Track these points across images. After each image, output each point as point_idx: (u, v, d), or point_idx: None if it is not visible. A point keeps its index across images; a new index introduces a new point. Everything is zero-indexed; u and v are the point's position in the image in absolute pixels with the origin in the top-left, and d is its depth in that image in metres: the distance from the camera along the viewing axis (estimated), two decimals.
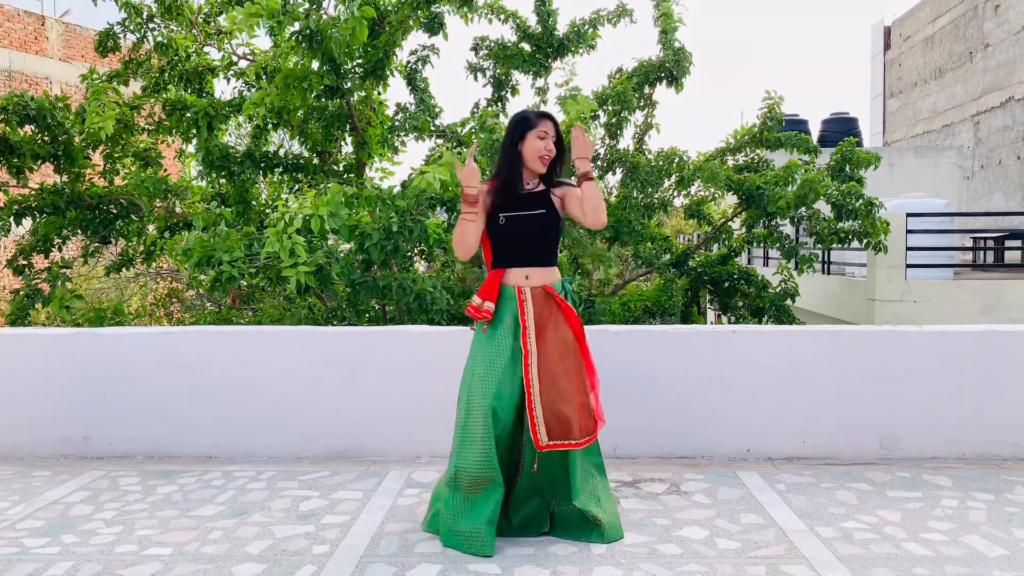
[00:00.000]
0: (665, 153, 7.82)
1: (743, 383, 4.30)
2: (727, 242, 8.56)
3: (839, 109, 34.42)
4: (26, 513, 3.63)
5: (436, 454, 4.35)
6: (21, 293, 7.32)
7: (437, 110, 7.71)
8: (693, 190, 8.51)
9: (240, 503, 3.71)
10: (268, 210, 7.27)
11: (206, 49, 7.96)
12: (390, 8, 6.56)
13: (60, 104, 7.00)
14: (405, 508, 3.61)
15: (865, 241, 7.85)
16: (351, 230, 5.34)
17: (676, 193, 8.39)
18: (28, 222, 7.48)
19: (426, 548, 3.16)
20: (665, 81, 7.85)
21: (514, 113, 3.32)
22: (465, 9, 6.71)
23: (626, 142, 7.98)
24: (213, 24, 7.88)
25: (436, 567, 2.99)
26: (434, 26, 6.95)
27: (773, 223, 8.05)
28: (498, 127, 6.70)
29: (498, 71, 8.21)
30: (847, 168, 8.18)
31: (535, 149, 3.17)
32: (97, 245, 7.94)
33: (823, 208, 8.06)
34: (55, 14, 19.73)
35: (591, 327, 4.31)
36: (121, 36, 8.01)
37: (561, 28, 7.97)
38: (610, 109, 7.51)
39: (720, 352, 4.32)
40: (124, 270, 8.66)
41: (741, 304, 8.40)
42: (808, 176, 7.64)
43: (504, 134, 3.31)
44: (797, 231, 9.51)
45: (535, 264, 3.23)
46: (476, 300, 3.21)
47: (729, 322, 8.73)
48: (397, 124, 7.45)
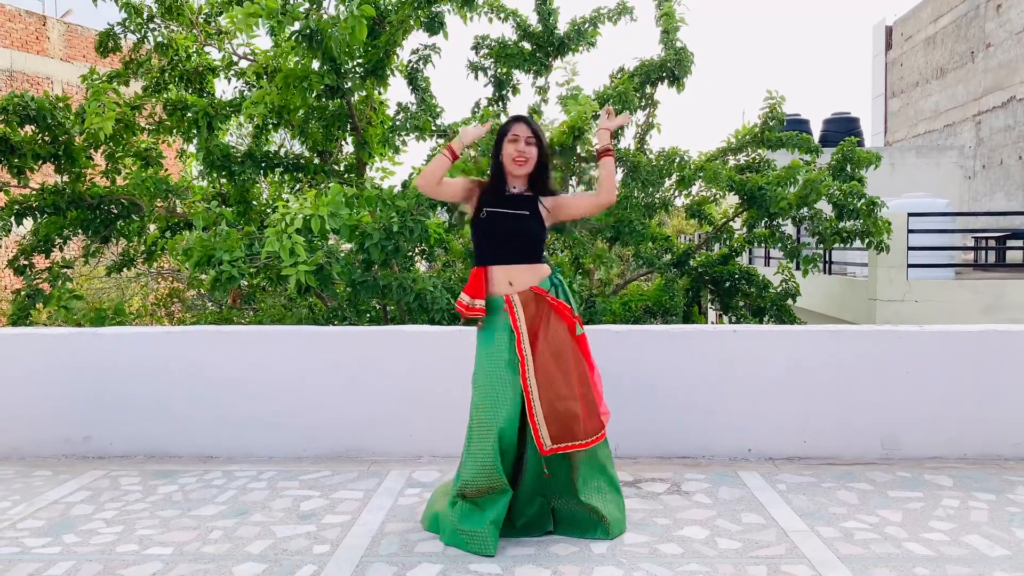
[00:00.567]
0: (666, 153, 7.81)
1: (744, 383, 4.30)
2: (728, 242, 8.55)
3: (840, 109, 34.37)
4: (27, 513, 3.63)
5: (437, 454, 4.35)
6: (22, 293, 7.33)
7: (438, 110, 7.70)
8: (694, 190, 8.50)
9: (241, 503, 3.71)
10: (269, 210, 7.26)
11: (206, 49, 7.96)
12: (390, 8, 6.55)
13: (60, 104, 7.00)
14: (406, 508, 3.61)
15: (867, 241, 7.84)
16: (351, 230, 5.34)
17: (677, 193, 8.39)
18: (29, 222, 7.48)
19: (427, 548, 3.16)
20: (667, 81, 7.84)
21: None
22: (465, 9, 6.69)
23: (627, 142, 7.97)
24: (213, 24, 7.88)
25: (437, 567, 2.99)
26: (434, 26, 6.94)
27: (775, 223, 8.04)
28: (498, 127, 6.67)
29: (499, 70, 8.20)
30: (848, 168, 8.18)
31: (508, 154, 3.30)
32: (98, 245, 7.95)
33: (824, 208, 8.05)
34: (56, 14, 19.74)
35: (592, 327, 4.31)
36: (122, 36, 8.01)
37: (562, 27, 7.96)
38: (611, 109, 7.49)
39: (721, 352, 4.32)
40: (125, 270, 8.67)
41: (742, 304, 8.39)
42: (810, 176, 7.63)
43: None
44: (799, 231, 9.50)
45: (517, 261, 3.25)
46: (465, 299, 3.24)
47: (730, 322, 8.72)
48: (398, 124, 7.45)
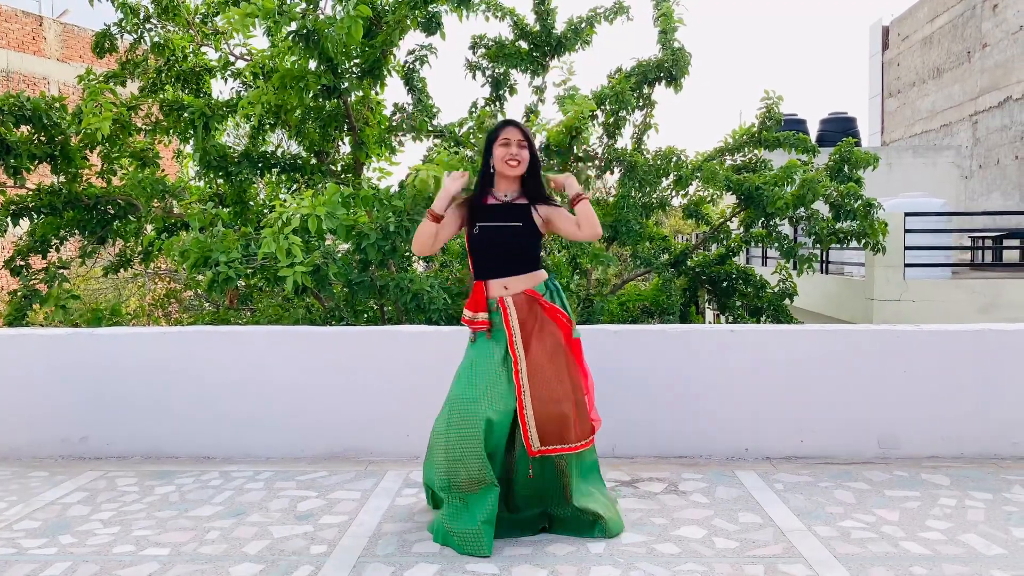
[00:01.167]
0: (663, 152, 7.82)
1: (741, 383, 4.30)
2: (725, 242, 8.56)
3: (837, 109, 34.38)
4: (24, 514, 3.62)
5: None
6: (19, 294, 7.32)
7: (435, 110, 7.68)
8: (691, 190, 8.51)
9: (238, 503, 3.70)
10: (265, 210, 7.25)
11: (203, 49, 7.95)
12: (387, 8, 6.55)
13: (56, 104, 6.99)
14: (403, 508, 3.60)
15: (864, 241, 7.85)
16: (348, 230, 5.33)
17: (674, 193, 8.40)
18: (25, 223, 7.47)
19: (423, 548, 3.16)
20: (664, 81, 7.84)
21: None
22: (462, 8, 6.69)
23: (624, 141, 7.98)
24: (210, 24, 7.87)
25: (434, 567, 2.99)
26: (431, 26, 6.93)
27: (772, 223, 8.05)
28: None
29: (496, 70, 8.20)
30: (845, 168, 8.18)
31: (499, 157, 3.28)
32: (95, 246, 7.93)
33: (821, 208, 8.06)
34: (53, 14, 19.71)
35: (589, 327, 4.32)
36: (118, 37, 8.00)
37: (559, 26, 7.96)
38: (608, 109, 7.50)
39: (718, 352, 4.32)
40: (122, 271, 8.65)
41: (739, 304, 8.40)
42: (807, 176, 7.63)
43: None
44: (796, 231, 9.51)
45: (512, 274, 3.25)
46: (467, 314, 3.28)
47: (727, 322, 8.72)
48: (395, 124, 7.44)
